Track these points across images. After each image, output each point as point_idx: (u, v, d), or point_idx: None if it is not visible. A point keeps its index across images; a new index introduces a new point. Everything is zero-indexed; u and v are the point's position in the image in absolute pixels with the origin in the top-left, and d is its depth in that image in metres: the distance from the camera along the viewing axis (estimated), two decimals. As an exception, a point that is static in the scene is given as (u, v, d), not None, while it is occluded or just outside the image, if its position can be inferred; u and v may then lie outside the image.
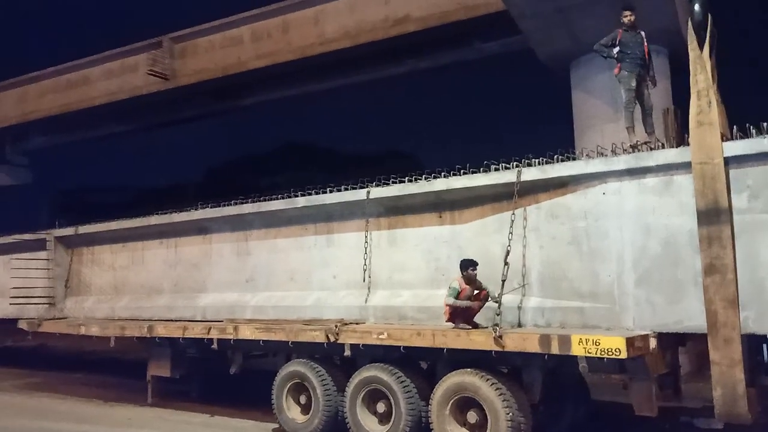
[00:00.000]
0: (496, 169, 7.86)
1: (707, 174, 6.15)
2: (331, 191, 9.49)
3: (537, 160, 7.63)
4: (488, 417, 6.70)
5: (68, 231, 13.42)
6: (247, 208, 10.42)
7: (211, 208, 11.06)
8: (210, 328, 9.41)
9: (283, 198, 10.05)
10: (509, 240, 7.36)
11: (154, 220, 11.97)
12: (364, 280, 8.77)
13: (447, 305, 7.20)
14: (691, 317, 6.28)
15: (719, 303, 5.99)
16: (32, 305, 13.11)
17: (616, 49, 7.80)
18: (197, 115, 25.82)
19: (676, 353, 7.15)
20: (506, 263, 7.18)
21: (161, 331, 10.13)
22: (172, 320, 10.70)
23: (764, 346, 6.46)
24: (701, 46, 6.48)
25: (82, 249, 13.42)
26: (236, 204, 10.64)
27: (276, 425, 8.66)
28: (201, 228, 11.21)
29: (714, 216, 6.08)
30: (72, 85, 24.38)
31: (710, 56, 6.46)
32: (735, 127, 6.42)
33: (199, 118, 26.99)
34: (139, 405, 10.76)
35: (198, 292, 11.02)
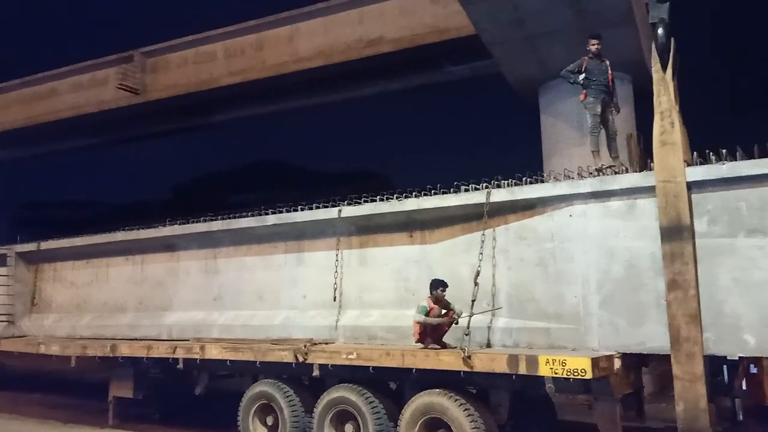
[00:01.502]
0: (466, 190, 7.97)
1: (670, 192, 6.34)
2: (302, 209, 9.47)
3: (506, 182, 7.77)
4: (456, 438, 6.70)
5: (30, 246, 13.09)
6: (216, 225, 10.32)
7: (179, 224, 10.91)
8: (176, 348, 9.23)
9: (253, 215, 9.99)
10: (479, 261, 7.45)
11: (120, 236, 11.75)
12: (334, 300, 8.74)
13: (417, 323, 7.21)
14: (653, 338, 6.42)
15: (681, 318, 6.15)
16: (-10, 323, 12.67)
17: (581, 76, 8.04)
18: (167, 130, 25.57)
19: (640, 374, 7.28)
20: (476, 284, 7.24)
21: (125, 350, 9.89)
22: (136, 339, 10.47)
23: (724, 367, 6.61)
24: (664, 69, 6.72)
25: (44, 265, 13.08)
26: (205, 221, 10.53)
27: (241, 447, 8.49)
28: (168, 245, 11.04)
29: (676, 233, 6.27)
30: (38, 98, 23.94)
31: (673, 79, 6.70)
32: (695, 152, 6.65)
33: (169, 134, 26.72)
34: (99, 427, 10.43)
35: (164, 310, 10.82)
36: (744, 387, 6.71)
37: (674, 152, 6.39)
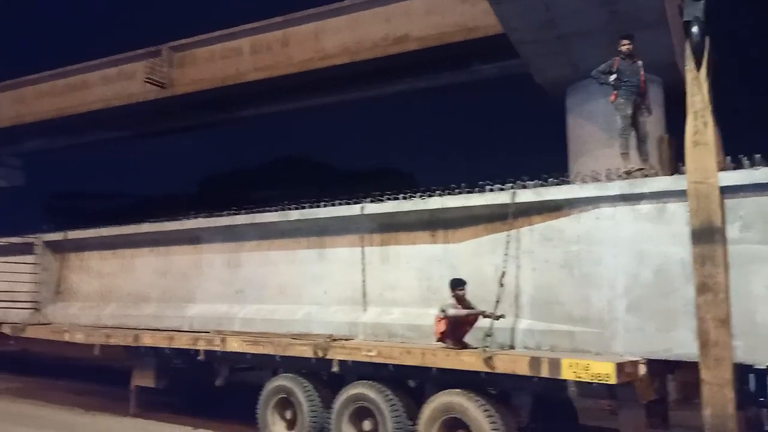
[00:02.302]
0: (491, 190, 7.90)
1: (701, 193, 6.21)
2: (325, 206, 9.49)
3: (532, 183, 7.68)
4: (475, 439, 6.64)
5: (57, 236, 13.32)
6: (240, 219, 10.39)
7: (203, 218, 11.02)
8: (197, 339, 9.32)
9: (276, 210, 10.03)
10: (504, 261, 7.37)
11: (146, 227, 11.90)
12: (363, 296, 8.69)
13: (446, 317, 7.12)
14: (680, 345, 6.29)
15: (711, 322, 6.02)
16: (16, 309, 12.94)
17: (613, 77, 7.90)
18: (193, 125, 25.84)
19: (665, 381, 7.13)
20: (501, 285, 7.17)
21: (148, 340, 10.02)
22: (159, 330, 10.58)
23: (751, 376, 6.44)
24: (698, 68, 6.58)
25: (71, 254, 13.30)
26: (229, 215, 10.61)
27: (260, 440, 8.54)
28: (193, 237, 11.15)
29: (707, 235, 6.13)
30: (69, 89, 24.36)
31: (707, 78, 6.56)
32: (729, 157, 6.50)
33: (194, 128, 27.01)
34: (121, 415, 10.59)
35: (186, 302, 10.93)
36: (773, 398, 6.52)
37: (707, 153, 6.26)
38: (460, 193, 8.14)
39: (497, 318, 7.02)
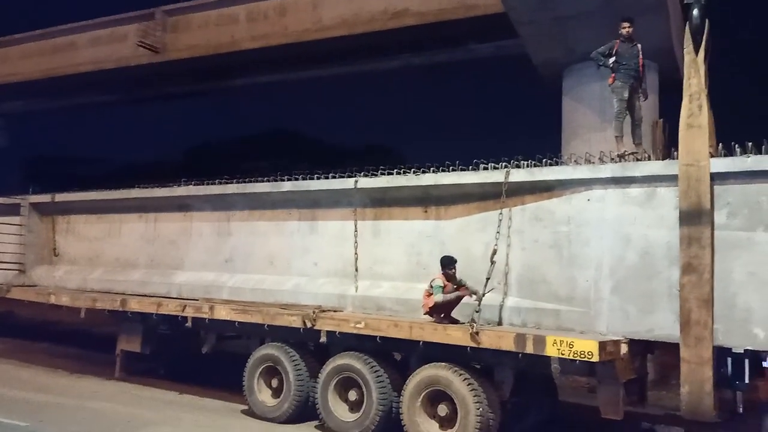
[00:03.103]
0: (485, 169, 7.94)
1: (692, 176, 6.30)
2: (318, 178, 9.48)
3: (525, 163, 7.73)
4: (458, 411, 6.79)
5: (44, 198, 13.20)
6: (231, 188, 10.36)
7: (194, 185, 10.97)
8: (185, 306, 9.34)
9: (268, 181, 10.02)
10: (496, 239, 7.45)
11: (135, 193, 11.84)
12: (354, 269, 8.72)
13: (436, 303, 7.22)
14: (662, 326, 6.44)
15: (694, 302, 6.16)
16: (1, 271, 12.85)
17: (612, 59, 7.92)
18: (185, 92, 25.51)
19: (645, 360, 7.31)
20: (492, 262, 7.26)
21: (135, 305, 10.02)
22: (146, 295, 10.60)
23: (728, 359, 6.60)
24: (697, 51, 6.62)
25: (58, 217, 13.20)
26: (220, 183, 10.58)
27: (245, 407, 8.63)
28: (182, 205, 11.11)
29: (695, 217, 6.25)
30: (57, 50, 23.87)
31: (704, 62, 6.60)
32: (720, 143, 6.58)
33: (186, 96, 26.68)
34: (106, 378, 10.64)
35: (174, 269, 10.93)
36: (747, 380, 6.70)
37: (700, 136, 6.34)
38: (453, 170, 8.17)
39: (484, 294, 7.11)
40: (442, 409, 6.98)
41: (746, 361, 6.56)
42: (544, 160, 7.70)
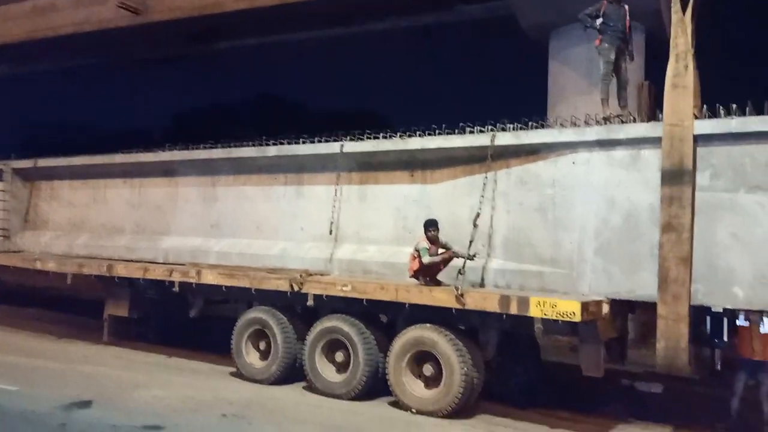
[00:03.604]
0: (471, 133, 7.92)
1: (676, 136, 6.34)
2: (304, 142, 9.43)
3: (511, 126, 7.72)
4: (443, 371, 6.93)
5: (27, 163, 13.03)
6: (217, 153, 10.29)
7: (179, 150, 10.87)
8: (172, 271, 9.35)
9: (254, 146, 9.94)
10: (480, 203, 7.48)
11: (119, 158, 11.72)
12: (331, 233, 8.82)
13: (424, 264, 7.27)
14: (643, 287, 6.56)
15: (672, 260, 6.28)
16: (-15, 236, 12.76)
17: (599, 20, 7.84)
18: (169, 56, 24.98)
19: (626, 320, 7.46)
20: (475, 225, 7.31)
21: (121, 270, 10.01)
22: (132, 261, 10.58)
23: (707, 318, 6.76)
24: (684, 10, 6.58)
25: (41, 183, 13.07)
26: (206, 148, 10.48)
27: (234, 369, 8.73)
28: (167, 170, 11.02)
29: (677, 177, 6.32)
30: (38, 12, 23.19)
31: (692, 21, 6.57)
32: (705, 105, 6.59)
33: (170, 60, 26.14)
34: (94, 343, 10.69)
35: (161, 234, 10.91)
36: (726, 338, 6.89)
37: (685, 96, 6.36)
38: (440, 134, 8.15)
39: (470, 258, 7.18)
40: (428, 369, 7.12)
41: (725, 320, 6.74)
42: (530, 124, 7.69)
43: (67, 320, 12.82)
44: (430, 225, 7.39)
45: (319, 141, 9.30)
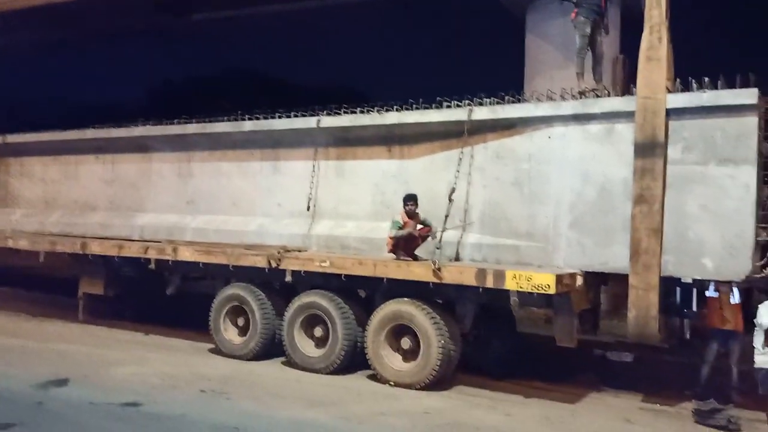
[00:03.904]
0: (448, 107, 7.91)
1: (649, 108, 6.43)
2: (280, 117, 9.33)
3: (488, 101, 7.72)
4: (421, 344, 7.02)
5: (-5, 139, 12.70)
6: (191, 128, 10.14)
7: (152, 125, 10.67)
8: (147, 248, 9.26)
9: (229, 120, 9.80)
10: (456, 178, 7.51)
11: (90, 133, 11.49)
12: (308, 209, 8.79)
13: (390, 238, 7.33)
14: (616, 259, 6.69)
15: (644, 231, 6.41)
16: (-47, 215, 12.46)
17: (576, -7, 7.83)
18: (140, 28, 24.35)
19: (599, 292, 7.62)
20: (450, 200, 7.35)
21: (96, 248, 9.88)
22: (107, 238, 10.45)
23: (678, 289, 6.94)
24: None
25: (10, 159, 12.77)
26: (180, 123, 10.31)
27: (212, 346, 8.74)
28: (141, 146, 10.84)
29: (649, 149, 6.42)
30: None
31: None
32: (678, 79, 6.66)
33: (141, 33, 25.48)
34: (70, 321, 10.58)
35: (135, 211, 10.77)
36: (695, 309, 7.08)
37: (658, 69, 6.43)
38: (417, 109, 8.13)
39: (442, 231, 7.23)
40: (406, 342, 7.20)
41: (694, 291, 6.93)
42: (506, 98, 7.70)
43: (42, 299, 12.64)
44: (409, 199, 7.42)
45: (296, 116, 9.22)
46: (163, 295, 9.85)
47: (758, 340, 5.82)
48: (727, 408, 6.25)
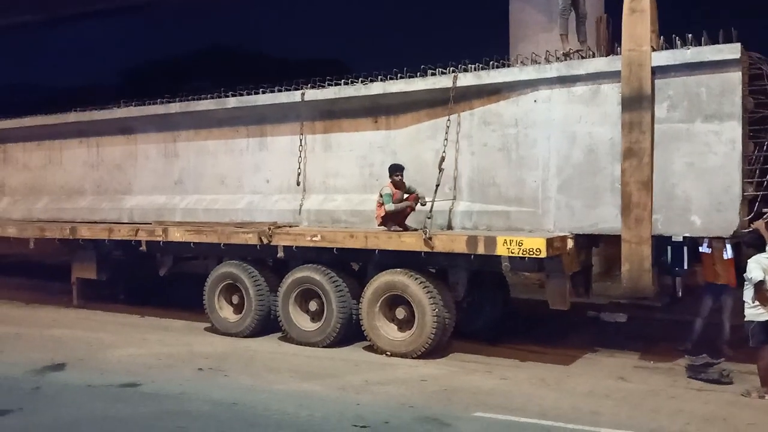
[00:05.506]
0: (433, 74, 7.83)
1: (634, 61, 6.37)
2: (263, 92, 9.21)
3: (473, 67, 7.64)
4: (415, 313, 7.07)
5: (-25, 127, 12.47)
6: (175, 107, 10.00)
7: (135, 106, 10.52)
8: (137, 230, 9.21)
9: (212, 98, 9.67)
10: (444, 146, 7.47)
11: (73, 117, 11.33)
12: (298, 184, 8.74)
13: (387, 212, 7.28)
14: (605, 220, 6.71)
15: (634, 185, 6.41)
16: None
17: (557, -48, 7.70)
18: (115, 7, 23.85)
19: (590, 254, 7.67)
20: (441, 169, 7.31)
21: (85, 232, 9.83)
22: (96, 222, 10.38)
23: (668, 248, 6.99)
24: None
25: (-8, 147, 12.57)
26: (163, 103, 10.17)
27: (208, 325, 8.77)
28: (125, 128, 10.70)
29: (636, 102, 6.38)
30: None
31: None
32: (662, 37, 6.60)
33: (117, 12, 24.96)
34: (64, 307, 10.57)
35: (123, 194, 10.69)
36: (686, 266, 7.15)
37: (642, 21, 6.36)
38: (402, 78, 8.04)
39: (426, 203, 7.21)
40: (400, 312, 7.25)
41: (685, 248, 6.98)
42: (491, 63, 7.63)
43: (35, 286, 12.58)
44: (396, 170, 7.38)
45: (280, 90, 9.10)
46: (156, 276, 9.84)
47: (748, 294, 5.89)
48: (720, 362, 6.36)
